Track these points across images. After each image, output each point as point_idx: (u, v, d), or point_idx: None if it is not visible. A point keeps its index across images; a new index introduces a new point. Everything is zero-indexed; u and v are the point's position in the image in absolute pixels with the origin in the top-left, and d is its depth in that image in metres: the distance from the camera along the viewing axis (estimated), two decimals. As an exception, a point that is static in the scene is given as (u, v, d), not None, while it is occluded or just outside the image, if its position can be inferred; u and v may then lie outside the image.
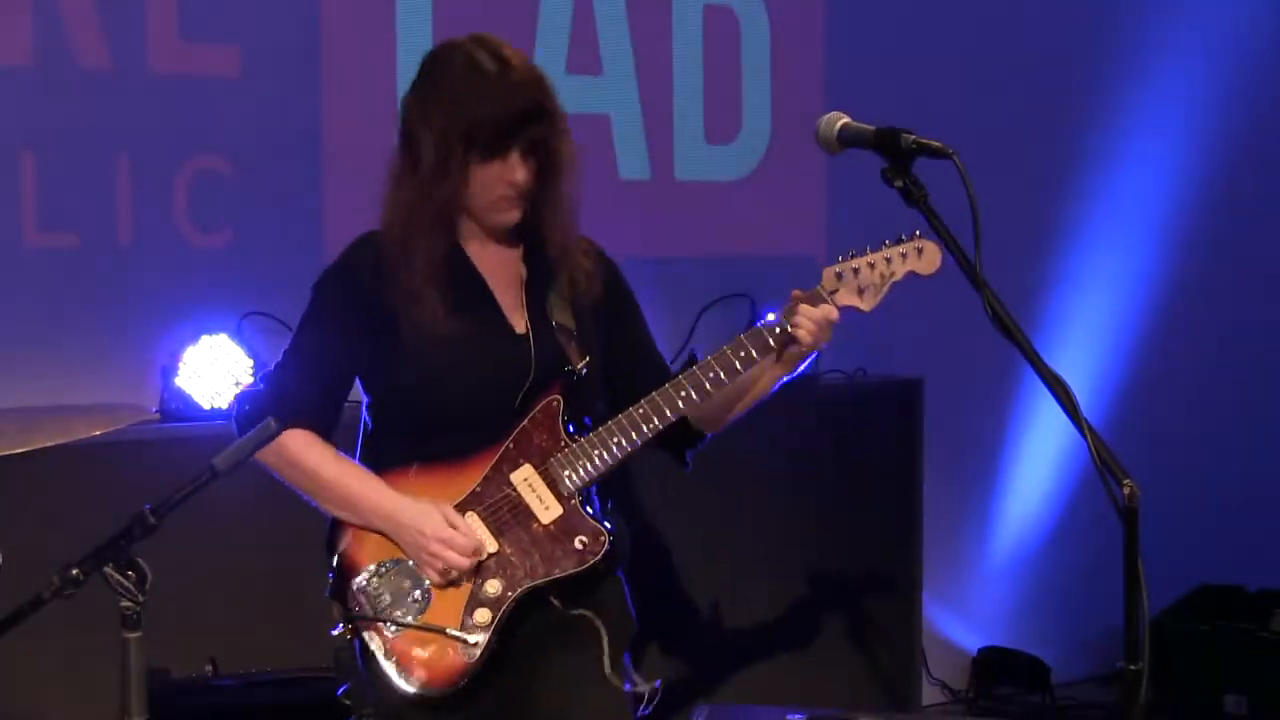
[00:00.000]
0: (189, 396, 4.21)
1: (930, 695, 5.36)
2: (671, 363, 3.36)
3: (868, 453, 5.01)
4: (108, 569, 2.38)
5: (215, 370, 4.25)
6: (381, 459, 2.83)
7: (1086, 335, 5.75)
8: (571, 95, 2.84)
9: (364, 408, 2.90)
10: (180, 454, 3.80)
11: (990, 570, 5.74)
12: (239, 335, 4.30)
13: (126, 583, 2.37)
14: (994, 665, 5.49)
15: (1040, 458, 5.71)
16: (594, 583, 2.82)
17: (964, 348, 4.73)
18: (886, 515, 5.01)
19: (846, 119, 2.55)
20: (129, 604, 2.39)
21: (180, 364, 4.22)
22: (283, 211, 4.56)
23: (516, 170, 2.74)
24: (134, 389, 4.23)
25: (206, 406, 4.22)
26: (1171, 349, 5.89)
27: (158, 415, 4.19)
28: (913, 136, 2.44)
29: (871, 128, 2.50)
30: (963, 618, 5.64)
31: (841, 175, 5.16)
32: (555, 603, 2.80)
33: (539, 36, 4.90)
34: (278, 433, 2.62)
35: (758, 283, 4.98)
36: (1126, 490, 2.17)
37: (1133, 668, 2.19)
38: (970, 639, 5.62)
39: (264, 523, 4.07)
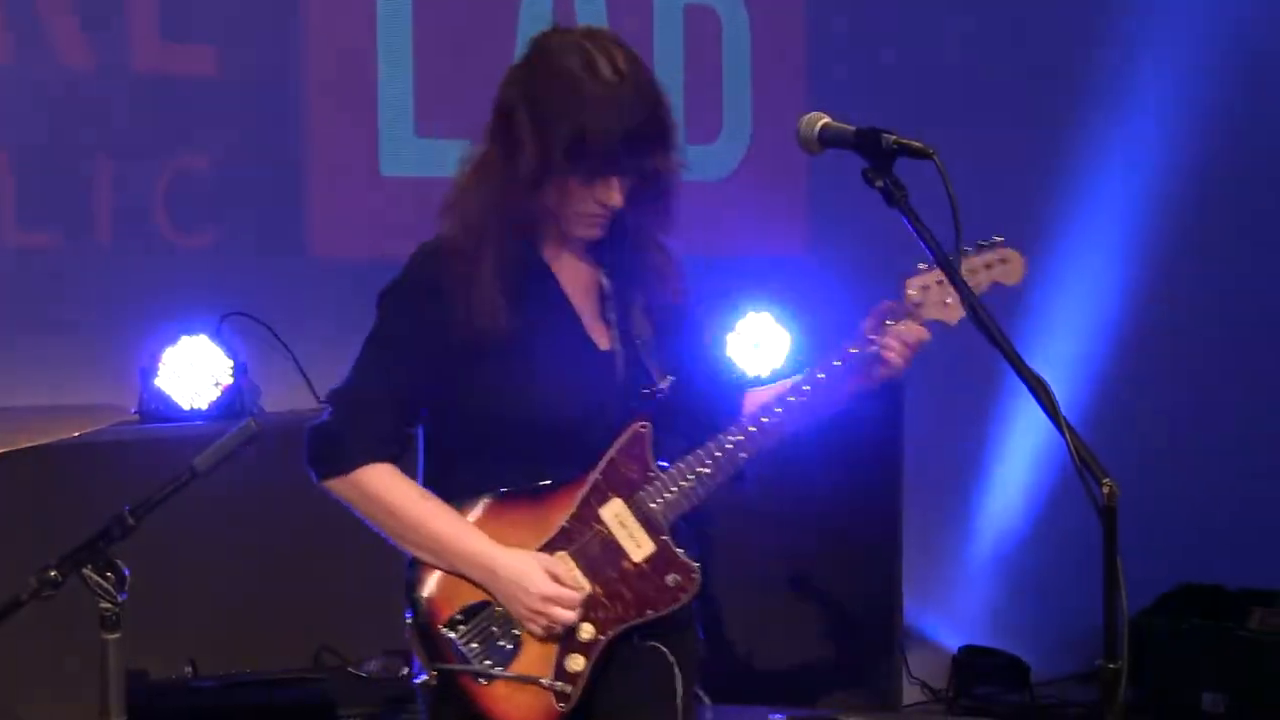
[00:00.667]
0: (168, 397, 4.20)
1: (910, 694, 5.36)
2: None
3: (848, 452, 5.01)
4: (86, 570, 2.37)
5: (195, 371, 4.23)
6: (451, 490, 2.62)
7: (1066, 336, 5.76)
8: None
9: (429, 433, 2.67)
10: (159, 455, 3.79)
11: (970, 569, 5.75)
12: (219, 336, 4.29)
13: (105, 584, 2.37)
14: (974, 664, 5.50)
15: (1020, 457, 5.72)
16: (672, 616, 2.65)
17: (944, 348, 4.73)
18: (867, 514, 5.01)
19: (827, 119, 2.55)
20: (108, 605, 2.38)
21: (160, 364, 4.21)
22: (263, 212, 4.55)
23: (614, 194, 2.54)
24: (113, 389, 4.21)
25: (186, 407, 4.21)
26: (1150, 350, 5.90)
27: (137, 416, 4.18)
28: (893, 136, 2.44)
29: (852, 128, 2.50)
30: (943, 617, 5.64)
31: (824, 175, 5.16)
32: (632, 638, 2.64)
33: (519, 35, 4.90)
34: (258, 431, 2.60)
35: (739, 283, 4.98)
36: (1106, 489, 2.18)
37: (1112, 666, 2.19)
38: (950, 638, 5.63)
39: (244, 524, 4.07)
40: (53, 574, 2.35)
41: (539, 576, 2.55)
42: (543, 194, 2.54)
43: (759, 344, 4.92)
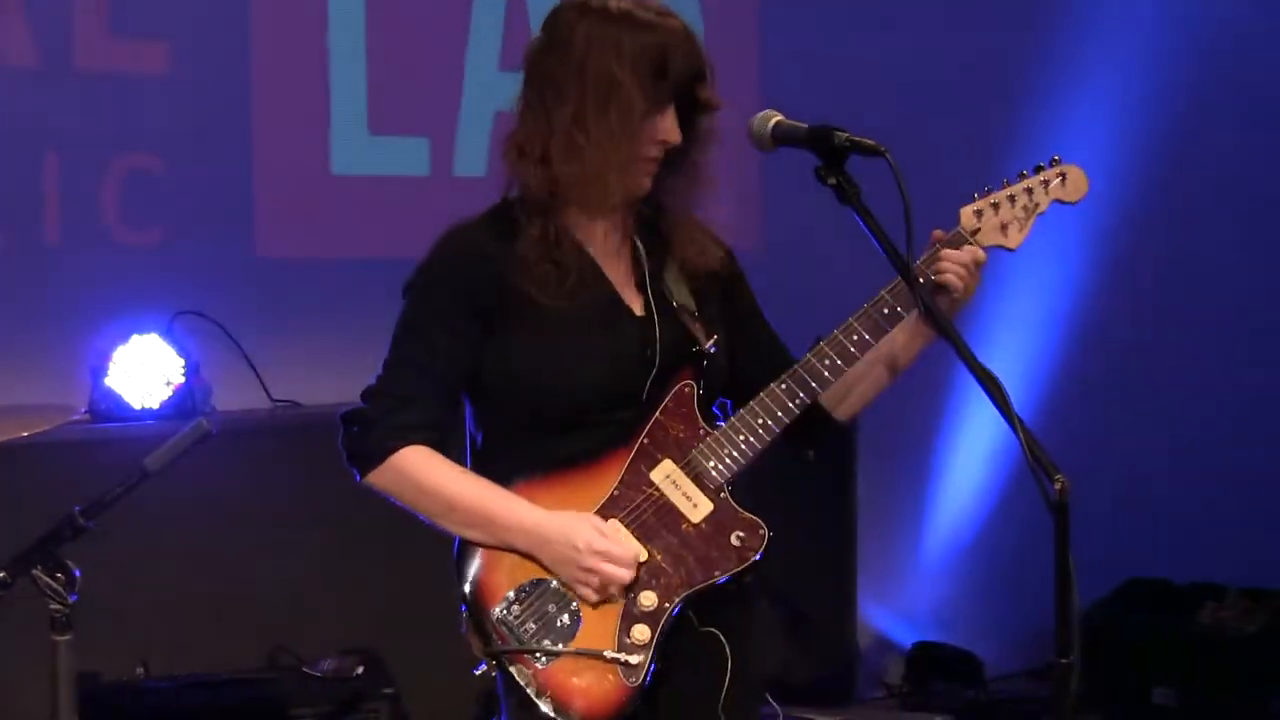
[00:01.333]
0: (119, 396, 4.17)
1: (865, 690, 5.39)
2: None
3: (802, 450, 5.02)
4: (36, 571, 2.36)
5: (146, 370, 4.21)
6: (498, 473, 2.54)
7: (1016, 333, 5.80)
8: (505, 92, 2.80)
9: (469, 419, 2.61)
10: (110, 455, 3.76)
11: (924, 566, 5.78)
12: (170, 335, 4.26)
13: (55, 585, 2.35)
14: (928, 660, 5.52)
15: (973, 454, 5.75)
16: (726, 597, 2.56)
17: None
18: (821, 512, 5.03)
19: (780, 117, 2.55)
20: (58, 606, 2.37)
21: (110, 364, 4.18)
22: (213, 210, 4.53)
23: (672, 129, 2.51)
24: (63, 389, 4.18)
25: (137, 406, 4.18)
26: (1095, 349, 5.94)
27: (87, 415, 4.15)
28: (845, 134, 2.45)
29: (805, 125, 2.50)
30: (897, 614, 5.67)
31: (777, 171, 5.17)
32: (691, 615, 2.53)
33: (472, 31, 4.89)
34: (210, 431, 2.59)
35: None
36: (1058, 486, 2.19)
37: (1063, 661, 2.21)
38: (904, 634, 5.66)
39: (196, 523, 4.05)
40: (2, 575, 2.33)
41: (587, 531, 2.46)
42: (601, 153, 2.48)
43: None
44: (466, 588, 2.50)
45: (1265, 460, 5.87)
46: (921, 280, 2.54)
